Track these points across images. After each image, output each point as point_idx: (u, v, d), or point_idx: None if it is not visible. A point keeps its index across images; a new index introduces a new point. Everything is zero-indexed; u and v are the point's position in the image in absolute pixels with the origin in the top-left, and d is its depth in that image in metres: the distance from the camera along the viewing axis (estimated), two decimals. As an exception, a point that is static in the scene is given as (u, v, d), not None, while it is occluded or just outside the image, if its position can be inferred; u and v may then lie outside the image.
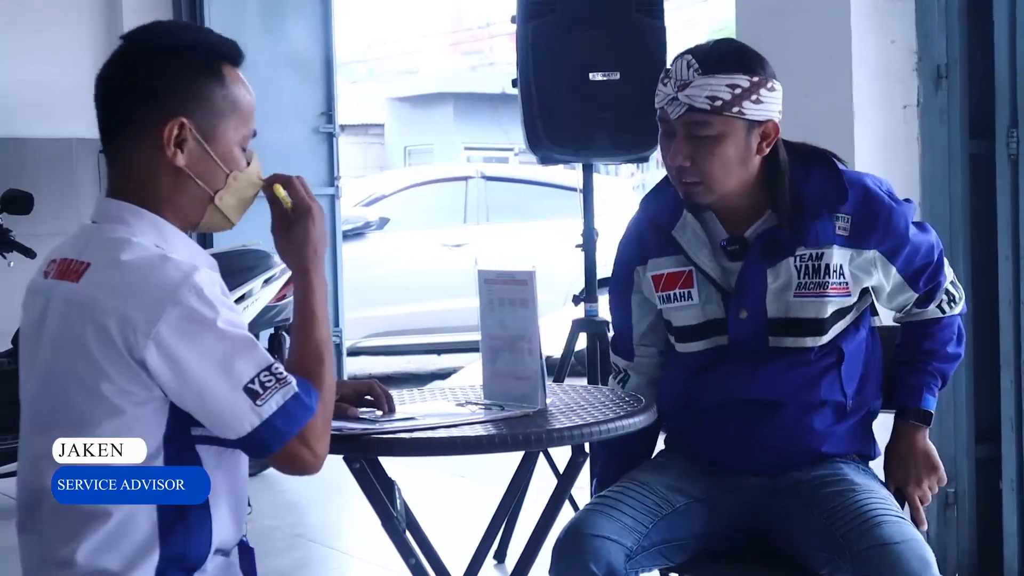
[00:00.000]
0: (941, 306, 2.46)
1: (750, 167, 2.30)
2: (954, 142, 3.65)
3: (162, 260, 1.79)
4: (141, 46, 1.89)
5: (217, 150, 1.88)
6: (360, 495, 2.12)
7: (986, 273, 3.63)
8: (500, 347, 2.22)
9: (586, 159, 4.01)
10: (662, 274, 2.43)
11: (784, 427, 2.35)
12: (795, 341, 2.34)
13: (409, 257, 9.16)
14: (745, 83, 2.25)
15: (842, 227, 2.32)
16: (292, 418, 1.79)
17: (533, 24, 3.89)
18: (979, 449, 3.70)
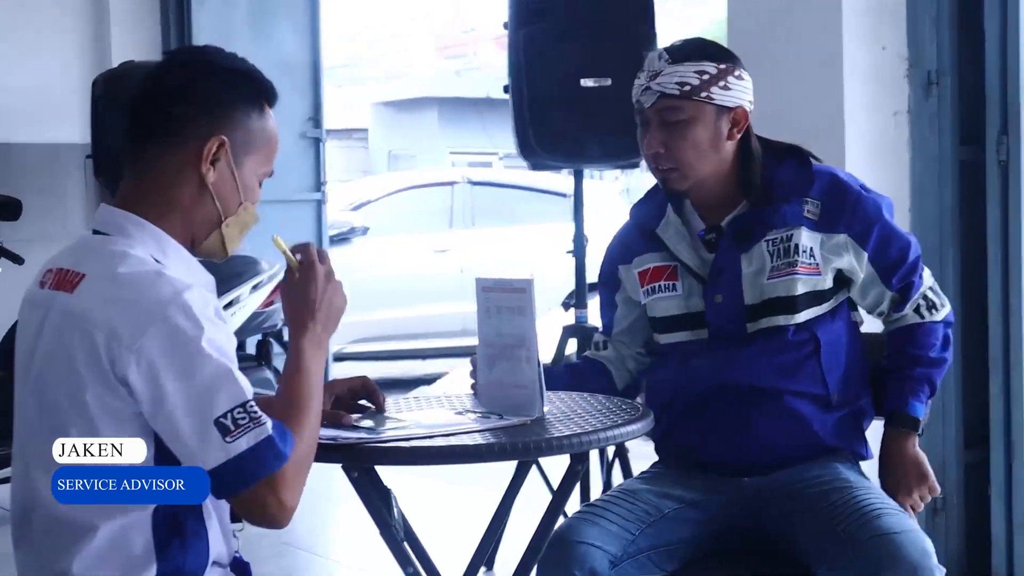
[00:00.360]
0: (920, 311, 2.49)
1: (722, 152, 2.40)
2: (944, 148, 3.66)
3: (156, 276, 1.79)
4: (204, 60, 1.93)
5: (241, 178, 1.92)
6: (347, 502, 2.10)
7: (975, 279, 3.65)
8: (497, 355, 2.22)
9: (577, 165, 4.02)
10: (648, 268, 2.52)
11: (771, 415, 2.39)
12: (769, 321, 2.40)
13: (395, 262, 9.15)
14: (713, 70, 2.36)
15: (811, 211, 2.41)
16: (261, 462, 1.73)
17: (525, 30, 3.89)
18: (968, 454, 3.72)
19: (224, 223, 1.92)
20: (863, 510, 2.23)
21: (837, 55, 3.61)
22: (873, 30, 3.64)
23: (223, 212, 1.91)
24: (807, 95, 3.67)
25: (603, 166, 4.16)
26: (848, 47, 3.61)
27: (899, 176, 3.69)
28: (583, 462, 2.06)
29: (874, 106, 3.66)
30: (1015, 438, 3.52)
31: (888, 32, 3.66)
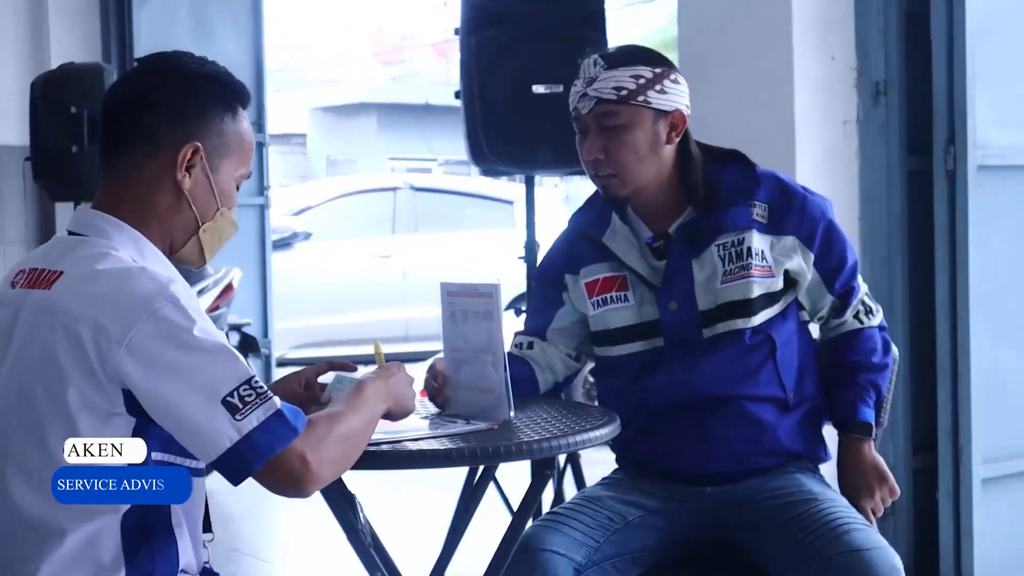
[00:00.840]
0: (859, 316, 2.51)
1: (662, 157, 2.39)
2: (892, 157, 3.71)
3: (139, 271, 1.78)
4: (172, 66, 1.91)
5: (217, 183, 1.91)
6: (294, 509, 2.08)
7: (923, 286, 3.69)
8: (463, 359, 2.22)
9: (529, 171, 4.01)
10: (597, 279, 2.49)
11: (732, 422, 2.39)
12: (726, 325, 2.39)
13: (337, 268, 9.12)
14: (648, 74, 2.36)
15: (759, 214, 2.42)
16: (274, 435, 1.71)
17: (477, 36, 3.88)
18: (916, 460, 3.77)
19: (201, 228, 1.91)
20: (830, 524, 2.24)
21: (787, 65, 3.64)
22: (823, 40, 3.68)
23: (200, 218, 1.91)
24: (758, 104, 3.70)
25: (555, 172, 4.16)
26: (798, 57, 3.65)
27: (848, 184, 3.73)
28: (551, 467, 2.06)
29: (824, 115, 3.69)
30: (962, 444, 3.57)
31: (837, 42, 3.70)
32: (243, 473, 1.73)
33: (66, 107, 5.51)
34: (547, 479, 2.04)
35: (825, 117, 3.70)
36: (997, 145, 3.58)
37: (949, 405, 3.60)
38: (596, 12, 3.95)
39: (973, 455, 3.56)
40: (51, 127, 5.59)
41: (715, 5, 3.83)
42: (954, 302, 3.57)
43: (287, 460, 1.71)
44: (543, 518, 2.34)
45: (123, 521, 1.76)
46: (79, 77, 5.63)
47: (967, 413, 3.56)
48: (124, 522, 1.76)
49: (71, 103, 5.50)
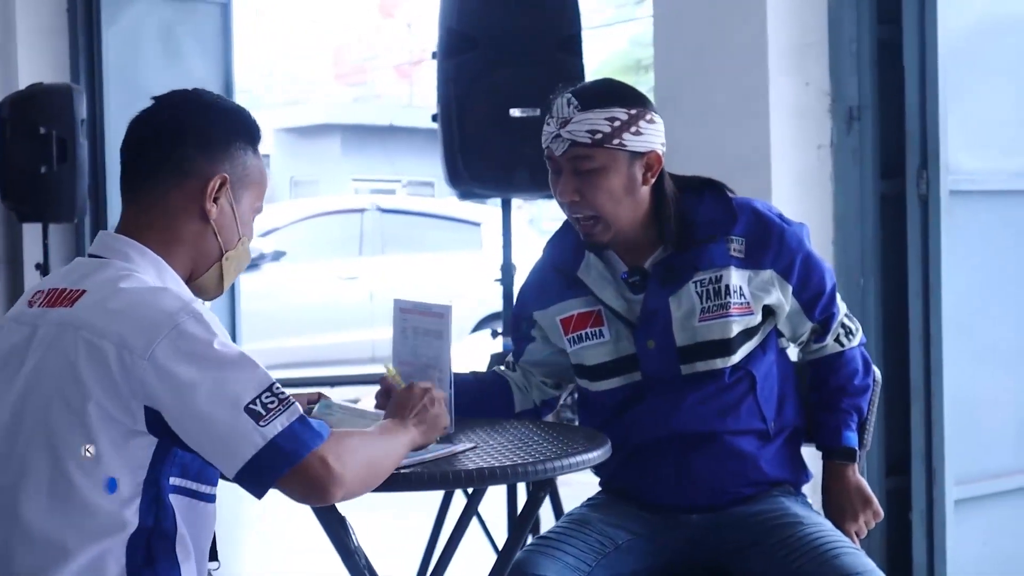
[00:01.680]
0: (839, 339, 2.52)
1: (638, 198, 2.36)
2: (866, 182, 3.76)
3: (162, 290, 1.83)
4: (197, 101, 1.98)
5: (240, 214, 1.97)
6: (258, 524, 2.08)
7: (897, 309, 3.74)
8: (411, 374, 2.28)
9: (507, 195, 4.03)
10: (571, 315, 2.47)
11: (712, 458, 2.39)
12: (706, 364, 2.38)
13: (304, 289, 9.10)
14: (623, 116, 2.31)
15: (736, 249, 2.39)
16: (299, 440, 1.74)
17: (454, 60, 3.90)
18: (889, 481, 3.80)
19: (225, 257, 1.96)
20: (820, 548, 2.25)
21: (763, 90, 3.69)
22: (797, 66, 3.73)
23: (224, 246, 1.96)
24: (734, 129, 3.74)
25: (533, 195, 4.17)
26: (773, 82, 3.69)
27: (822, 209, 3.77)
28: (545, 489, 2.07)
29: (799, 140, 3.74)
30: (935, 465, 3.61)
31: (811, 68, 3.75)
32: (269, 480, 1.75)
33: (35, 128, 5.49)
34: (541, 501, 2.05)
35: (799, 142, 3.74)
36: (969, 170, 3.64)
37: (922, 427, 3.64)
38: (572, 36, 3.98)
39: (946, 476, 3.60)
40: (19, 148, 5.56)
41: (691, 30, 3.87)
42: (927, 325, 3.61)
43: (311, 465, 1.74)
44: (533, 543, 2.33)
45: (128, 544, 1.77)
46: (48, 98, 5.61)
47: (940, 435, 3.60)
48: (129, 545, 1.77)
49: (40, 124, 5.48)
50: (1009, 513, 3.76)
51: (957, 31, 3.58)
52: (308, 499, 1.78)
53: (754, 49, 3.70)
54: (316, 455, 1.74)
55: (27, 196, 5.62)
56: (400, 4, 24.46)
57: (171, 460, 1.81)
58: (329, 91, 24.44)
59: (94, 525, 1.76)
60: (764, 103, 3.68)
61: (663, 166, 2.39)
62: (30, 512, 1.77)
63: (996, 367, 3.77)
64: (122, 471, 1.77)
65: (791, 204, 3.67)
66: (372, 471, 1.85)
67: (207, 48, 6.81)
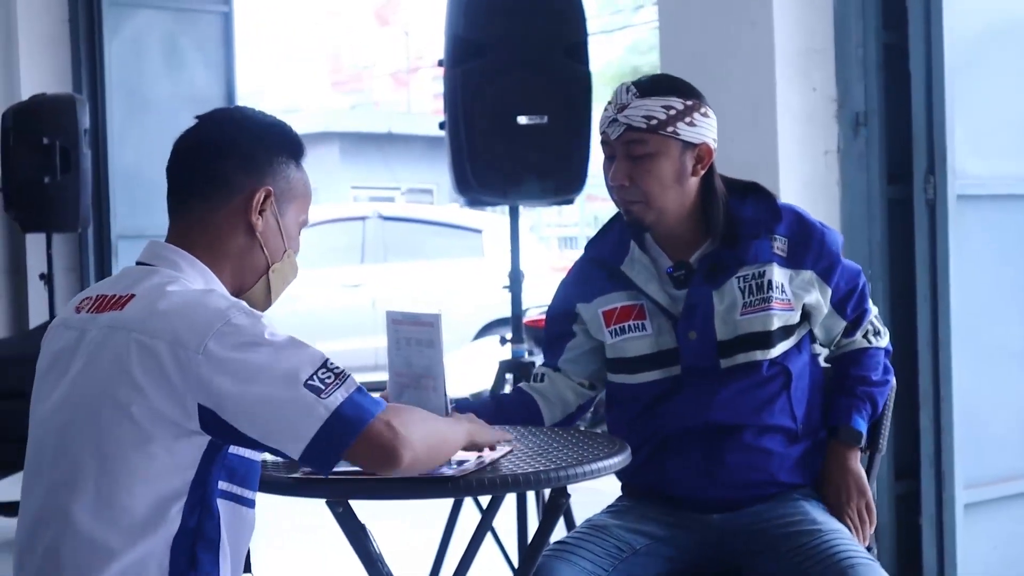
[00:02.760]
0: (867, 336, 2.55)
1: (686, 188, 2.41)
2: (873, 187, 3.77)
3: (210, 291, 1.86)
4: (241, 117, 2.02)
5: (285, 226, 2.00)
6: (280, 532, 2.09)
7: (905, 314, 3.74)
8: (406, 384, 2.31)
9: (514, 202, 4.03)
10: (615, 308, 2.50)
11: (740, 450, 2.41)
12: (746, 356, 2.42)
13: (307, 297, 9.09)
14: (679, 105, 2.38)
15: (779, 248, 2.45)
16: (362, 407, 1.77)
17: (461, 68, 3.90)
18: (899, 485, 3.81)
19: (271, 269, 1.99)
20: (834, 556, 2.26)
21: (770, 96, 3.70)
22: (804, 72, 3.74)
23: (270, 259, 1.99)
24: (740, 135, 3.75)
25: (539, 202, 4.17)
26: (780, 88, 3.71)
27: (830, 213, 3.78)
28: (565, 495, 2.07)
29: (806, 146, 3.75)
30: (945, 469, 3.61)
31: (818, 74, 3.76)
32: (338, 449, 1.77)
33: (38, 138, 5.49)
34: (561, 508, 2.05)
35: (806, 147, 3.75)
36: (976, 174, 3.65)
37: (931, 431, 3.64)
38: (579, 43, 3.98)
39: (956, 480, 3.61)
40: (23, 158, 5.56)
41: (698, 37, 3.88)
42: (935, 329, 3.62)
43: (378, 430, 1.77)
44: (550, 549, 2.34)
45: (172, 546, 1.78)
46: (51, 108, 5.62)
47: (949, 439, 3.61)
48: (173, 547, 1.78)
49: (43, 134, 5.49)
50: (1018, 517, 3.77)
51: (963, 36, 3.59)
52: (378, 463, 1.80)
53: (761, 55, 3.71)
54: (381, 420, 1.78)
55: (30, 206, 5.62)
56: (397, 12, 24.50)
57: (220, 463, 1.83)
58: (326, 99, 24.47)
59: (138, 525, 1.78)
60: (771, 109, 3.70)
61: (714, 161, 2.44)
62: (78, 511, 1.79)
63: (1005, 371, 3.77)
64: (170, 471, 1.79)
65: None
66: (436, 442, 1.88)
67: (209, 57, 6.82)
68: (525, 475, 1.92)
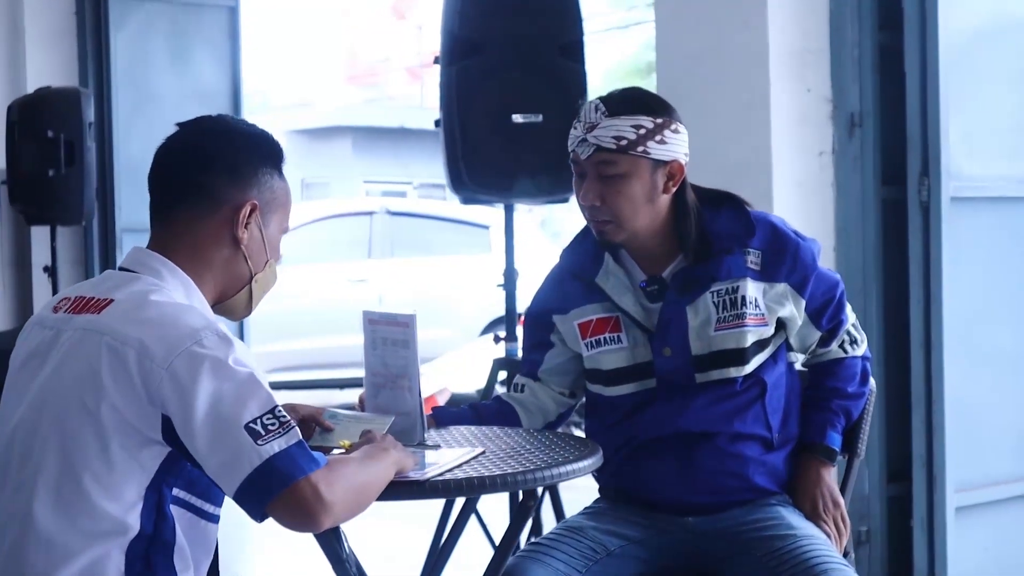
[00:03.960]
0: (843, 346, 2.54)
1: (658, 206, 2.40)
2: (867, 188, 3.76)
3: (189, 307, 1.87)
4: (225, 128, 2.02)
5: (268, 237, 2.01)
6: (275, 535, 2.10)
7: (897, 316, 3.74)
8: (382, 384, 2.31)
9: (508, 200, 4.04)
10: (590, 320, 2.49)
11: (715, 456, 2.41)
12: (720, 373, 2.41)
13: (313, 292, 9.11)
14: (649, 124, 2.36)
15: (753, 261, 2.43)
16: (295, 463, 1.76)
17: (457, 66, 3.90)
18: (890, 488, 3.80)
19: (254, 280, 2.01)
20: (808, 562, 2.25)
21: (764, 97, 3.69)
22: (798, 73, 3.73)
23: (253, 269, 2.00)
24: (735, 136, 3.74)
25: (534, 201, 4.18)
26: (775, 89, 3.70)
27: (824, 215, 3.77)
28: (535, 497, 2.07)
29: (800, 147, 3.74)
30: (936, 472, 3.60)
31: (813, 75, 3.75)
32: (263, 500, 1.76)
33: (43, 131, 5.51)
34: (530, 511, 2.05)
35: (801, 148, 3.74)
36: (970, 176, 3.63)
37: (923, 433, 3.63)
38: (575, 42, 3.99)
39: (947, 483, 3.60)
40: (27, 151, 5.59)
41: (692, 36, 3.87)
42: (928, 331, 3.61)
43: (301, 491, 1.75)
44: (525, 549, 2.35)
45: (128, 549, 1.80)
46: (56, 101, 5.64)
47: (941, 441, 3.60)
48: (129, 550, 1.80)
49: (48, 127, 5.51)
50: (1010, 520, 3.76)
51: (958, 37, 3.58)
52: (296, 524, 1.78)
53: (755, 55, 3.70)
54: (309, 481, 1.76)
55: (35, 199, 5.65)
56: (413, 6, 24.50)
57: (177, 472, 1.84)
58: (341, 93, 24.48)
59: (96, 527, 1.79)
60: (765, 110, 3.69)
61: (685, 176, 2.42)
62: (40, 511, 1.80)
63: (997, 374, 3.76)
64: (129, 476, 1.80)
65: (792, 211, 3.67)
66: (360, 498, 1.86)
67: (215, 51, 6.83)
68: (492, 477, 1.92)
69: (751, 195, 3.48)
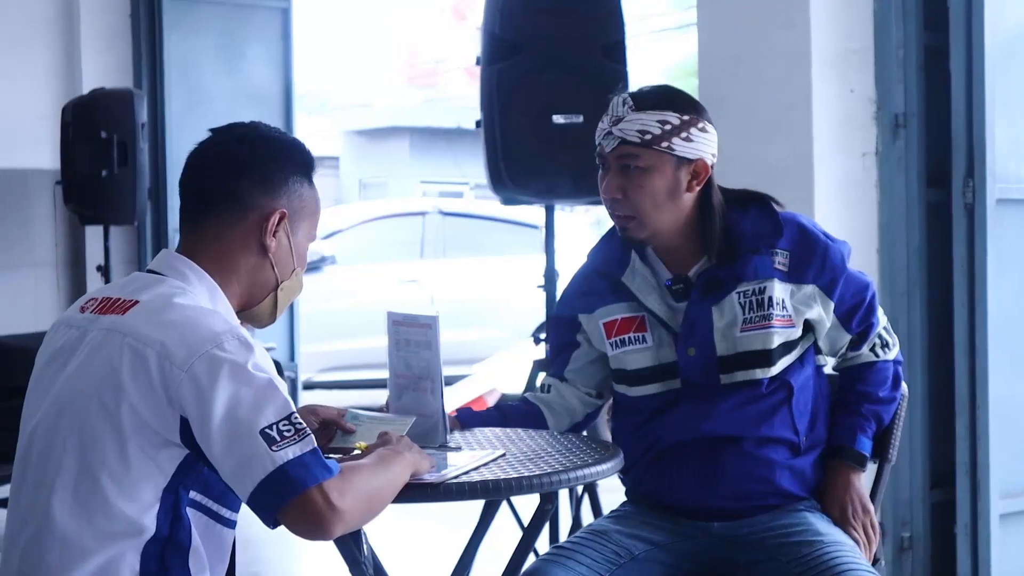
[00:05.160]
0: (875, 350, 2.51)
1: (681, 204, 2.38)
2: (911, 190, 3.71)
3: (213, 312, 1.88)
4: (257, 135, 2.02)
5: (296, 245, 2.02)
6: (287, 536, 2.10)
7: (941, 319, 3.68)
8: (405, 385, 2.31)
9: (548, 201, 4.03)
10: (615, 320, 2.48)
11: (741, 460, 2.39)
12: (746, 374, 2.39)
13: (364, 292, 9.14)
14: (675, 120, 2.35)
15: (780, 262, 2.41)
16: (308, 470, 1.76)
17: (497, 66, 3.90)
18: (934, 494, 3.75)
19: (280, 287, 2.02)
20: (835, 568, 2.23)
21: (806, 97, 3.65)
22: (841, 73, 3.69)
23: (280, 277, 2.01)
24: (776, 137, 3.71)
25: (574, 202, 4.17)
26: (817, 89, 3.66)
27: (867, 217, 3.73)
28: (552, 502, 2.07)
29: (843, 148, 3.70)
30: (980, 477, 3.55)
31: (856, 75, 3.70)
32: (275, 506, 1.76)
33: (96, 132, 5.58)
34: (547, 514, 2.05)
35: (844, 150, 3.70)
36: (1016, 178, 3.58)
37: (967, 439, 3.58)
38: (617, 43, 3.97)
39: (991, 489, 3.54)
40: (81, 152, 5.66)
41: (735, 37, 3.84)
42: (972, 334, 3.56)
43: (313, 500, 1.75)
44: (549, 552, 2.34)
45: (143, 551, 1.81)
46: (109, 102, 5.71)
47: (985, 447, 3.55)
48: (144, 551, 1.81)
49: (101, 128, 5.57)
50: (1056, 528, 3.70)
51: (1005, 36, 3.53)
52: (308, 532, 1.78)
53: (797, 56, 3.67)
54: (321, 489, 1.76)
55: (89, 199, 5.72)
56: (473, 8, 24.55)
57: (194, 475, 1.85)
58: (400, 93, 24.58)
59: (112, 527, 1.80)
60: (807, 110, 3.65)
61: (711, 175, 2.40)
62: (57, 509, 1.82)
63: (1043, 378, 3.70)
64: (146, 478, 1.81)
65: (834, 213, 3.64)
66: (372, 504, 1.86)
67: (267, 52, 6.88)
68: (507, 480, 1.91)
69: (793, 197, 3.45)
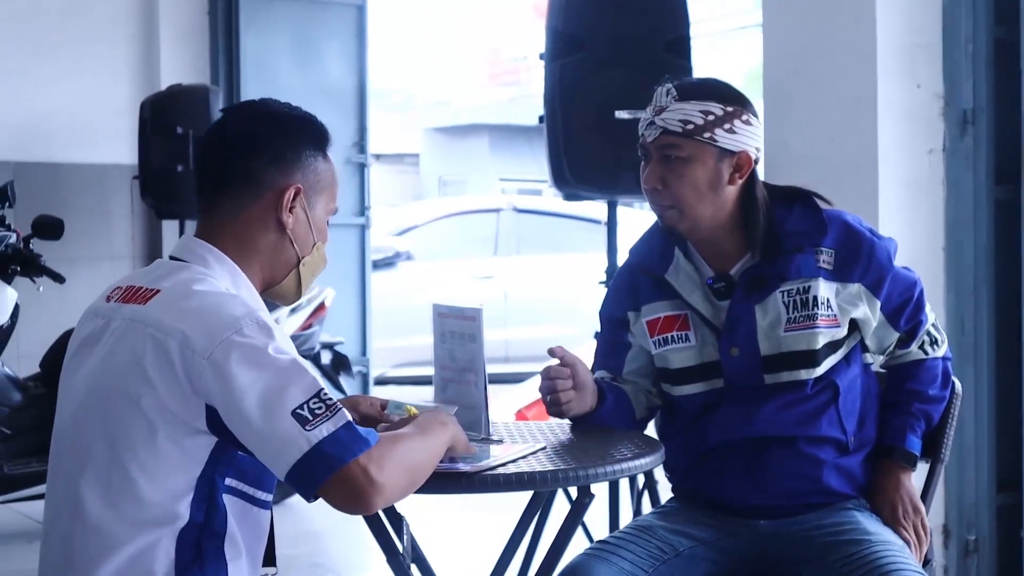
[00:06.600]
0: (924, 347, 2.47)
1: (723, 197, 2.35)
2: (979, 187, 3.64)
3: (232, 296, 1.88)
4: (269, 112, 2.02)
5: (314, 220, 2.02)
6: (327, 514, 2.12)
7: (1010, 319, 3.62)
8: (449, 377, 2.31)
9: (610, 197, 4.02)
10: (658, 318, 2.46)
11: (788, 459, 2.36)
12: (791, 375, 2.36)
13: (438, 288, 9.18)
14: (719, 111, 2.32)
15: (826, 261, 2.37)
16: (344, 445, 1.76)
17: (561, 62, 3.90)
18: (1000, 497, 3.68)
19: (301, 263, 2.02)
20: (882, 568, 2.19)
21: (871, 93, 3.60)
22: (908, 68, 3.63)
23: (300, 253, 2.01)
24: (841, 133, 3.66)
25: (635, 197, 4.15)
26: (883, 85, 3.61)
27: (934, 215, 3.67)
28: (590, 495, 2.06)
29: (908, 144, 3.64)
30: (1047, 481, 3.49)
31: (923, 70, 3.65)
32: (313, 484, 1.76)
33: (173, 127, 5.67)
34: (585, 507, 2.04)
35: (910, 146, 3.64)
36: (1088, 176, 3.50)
37: (1034, 441, 3.52)
38: (681, 38, 3.95)
39: (1059, 493, 3.48)
40: (158, 147, 5.76)
41: (800, 33, 3.80)
42: (1041, 336, 3.49)
43: (352, 474, 1.75)
44: (592, 547, 2.33)
45: (179, 538, 1.82)
46: (186, 99, 5.80)
47: (1053, 450, 3.48)
48: (179, 539, 1.82)
49: (178, 124, 5.67)
50: None
51: (1078, 31, 3.45)
52: (348, 506, 1.78)
53: (863, 50, 3.61)
54: (359, 463, 1.75)
55: (165, 194, 5.82)
56: (555, 4, 24.49)
57: (228, 461, 1.86)
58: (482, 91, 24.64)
59: (145, 516, 1.82)
60: (873, 106, 3.60)
61: (754, 169, 2.37)
62: (89, 500, 1.84)
63: (1115, 381, 3.61)
64: (177, 466, 1.82)
65: (900, 209, 3.59)
66: (413, 476, 1.86)
67: (342, 49, 6.94)
68: (543, 473, 1.91)
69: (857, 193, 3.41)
